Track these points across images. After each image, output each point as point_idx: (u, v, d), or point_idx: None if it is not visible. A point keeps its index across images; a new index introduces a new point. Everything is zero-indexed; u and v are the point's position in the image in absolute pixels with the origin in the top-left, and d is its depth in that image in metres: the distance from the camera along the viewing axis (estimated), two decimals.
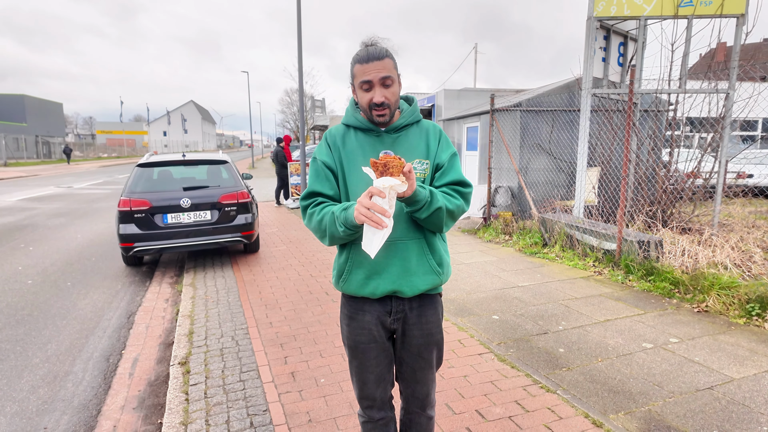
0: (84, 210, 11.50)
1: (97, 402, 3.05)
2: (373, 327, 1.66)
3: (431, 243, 1.65)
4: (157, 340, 3.95)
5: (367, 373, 1.70)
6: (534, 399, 2.79)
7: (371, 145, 1.63)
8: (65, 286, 5.46)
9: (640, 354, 3.36)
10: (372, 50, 1.53)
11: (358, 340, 1.68)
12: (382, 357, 1.70)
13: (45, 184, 19.02)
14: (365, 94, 1.55)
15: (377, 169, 1.38)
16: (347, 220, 1.46)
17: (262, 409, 2.72)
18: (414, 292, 1.63)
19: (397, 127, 1.64)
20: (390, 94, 1.55)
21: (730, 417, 2.59)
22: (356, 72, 1.56)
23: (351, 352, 1.72)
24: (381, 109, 1.55)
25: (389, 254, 1.59)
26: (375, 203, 1.36)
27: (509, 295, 4.70)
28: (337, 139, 1.67)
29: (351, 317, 1.69)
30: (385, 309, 1.66)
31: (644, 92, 6.32)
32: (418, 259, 1.62)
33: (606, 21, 6.59)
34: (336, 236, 1.54)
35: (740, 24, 5.92)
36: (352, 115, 1.67)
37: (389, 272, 1.60)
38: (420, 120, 1.72)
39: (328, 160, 1.65)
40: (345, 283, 1.65)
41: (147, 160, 6.15)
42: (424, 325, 1.69)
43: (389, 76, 1.53)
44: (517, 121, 8.21)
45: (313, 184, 1.66)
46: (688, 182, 6.58)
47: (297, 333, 3.81)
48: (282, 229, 8.54)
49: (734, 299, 4.11)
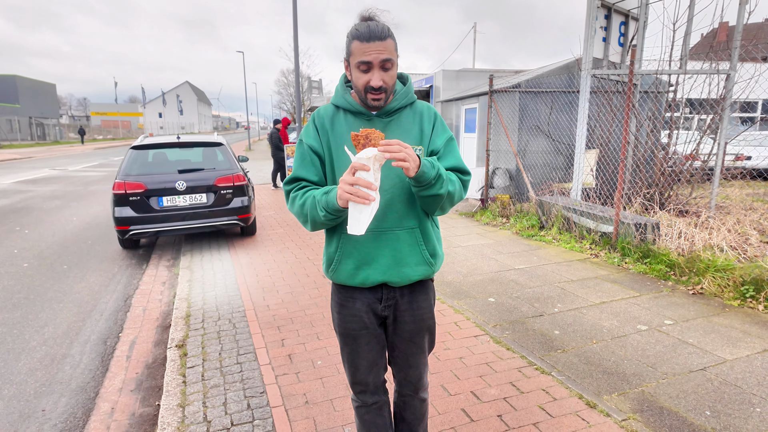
0: (79, 192, 11.44)
1: (95, 384, 3.07)
2: (364, 314, 1.64)
3: (425, 232, 1.61)
4: (154, 323, 3.96)
5: (359, 359, 1.69)
6: (529, 380, 2.82)
7: (361, 128, 1.56)
8: (61, 270, 5.45)
9: (634, 336, 3.39)
10: (374, 27, 1.42)
11: (349, 327, 1.66)
12: (374, 343, 1.68)
13: (40, 166, 18.89)
14: (362, 75, 1.46)
15: (359, 143, 1.32)
16: (329, 204, 1.41)
17: (259, 391, 2.74)
18: (405, 283, 1.60)
19: (389, 111, 1.57)
20: (388, 77, 1.47)
21: (722, 398, 2.62)
22: (354, 49, 1.45)
23: (342, 339, 1.70)
24: (377, 93, 1.48)
25: (380, 243, 1.55)
26: (359, 177, 1.30)
27: (506, 277, 4.71)
28: (326, 121, 1.59)
29: (342, 305, 1.67)
30: (375, 296, 1.63)
31: (644, 73, 6.24)
32: (410, 249, 1.58)
33: (607, 0, 6.47)
34: (317, 221, 1.49)
35: (743, 3, 5.81)
36: (342, 96, 1.59)
37: (379, 262, 1.56)
38: (414, 101, 1.64)
39: (315, 144, 1.58)
40: (334, 273, 1.62)
41: (141, 142, 6.08)
42: (416, 311, 1.67)
43: (390, 59, 1.45)
44: (516, 102, 8.12)
45: (298, 169, 1.60)
46: (686, 164, 6.55)
47: (294, 316, 3.82)
48: (279, 212, 8.52)
49: (729, 281, 4.13)
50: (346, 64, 1.54)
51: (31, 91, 44.75)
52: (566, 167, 8.08)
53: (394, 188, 1.53)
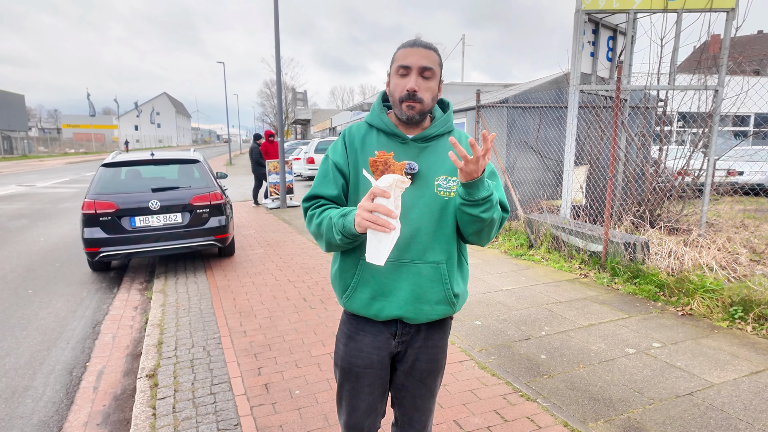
0: (48, 211, 11.02)
1: (59, 418, 2.92)
2: (373, 351, 1.53)
3: (451, 269, 1.49)
4: (124, 351, 3.81)
5: (359, 400, 1.56)
6: (514, 408, 2.73)
7: (394, 152, 1.45)
8: (26, 294, 5.24)
9: (622, 360, 3.31)
10: (419, 40, 1.43)
11: (354, 363, 1.54)
12: (377, 385, 1.56)
13: (6, 182, 18.22)
14: (400, 80, 1.41)
15: (377, 169, 1.25)
16: (345, 227, 1.32)
17: (233, 423, 2.64)
18: (422, 321, 1.50)
19: (426, 137, 1.48)
20: (426, 88, 1.41)
21: (708, 423, 2.55)
22: (397, 56, 1.43)
23: (343, 375, 1.57)
24: (412, 101, 1.40)
25: (399, 276, 1.45)
26: (379, 204, 1.21)
27: (492, 299, 4.64)
28: (356, 140, 1.51)
29: (350, 337, 1.56)
30: (389, 331, 1.53)
31: (632, 89, 6.25)
32: (431, 286, 1.47)
33: (594, 14, 6.49)
34: (333, 244, 1.40)
35: (730, 18, 5.84)
36: (377, 115, 1.52)
37: (397, 296, 1.46)
38: (452, 130, 1.55)
39: (341, 162, 1.50)
40: (348, 300, 1.51)
41: (113, 159, 5.90)
42: (430, 350, 1.56)
43: (431, 68, 1.39)
44: (504, 117, 8.11)
45: (318, 187, 1.51)
46: (676, 181, 6.54)
47: (272, 342, 3.70)
48: (259, 231, 8.35)
49: (718, 302, 4.07)
50: (388, 80, 1.50)
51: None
52: (555, 184, 8.05)
53: (421, 218, 1.44)
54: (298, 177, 18.42)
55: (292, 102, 35.26)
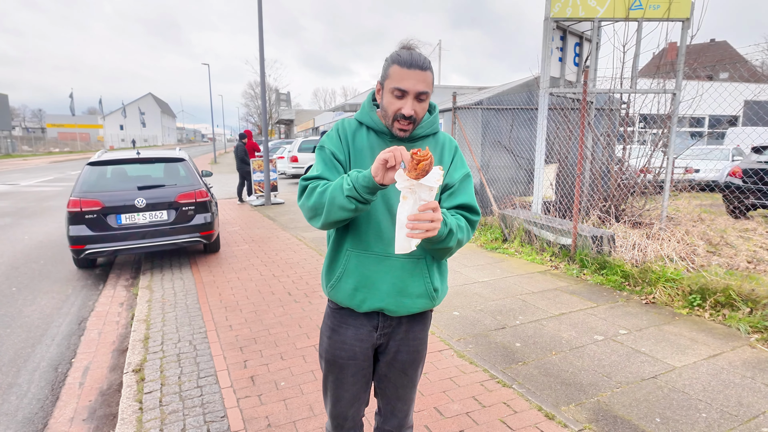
0: (32, 209, 10.90)
1: (44, 415, 2.92)
2: (356, 343, 1.59)
3: (431, 264, 1.56)
4: (110, 347, 3.81)
5: (342, 390, 1.63)
6: (491, 394, 2.87)
7: (381, 148, 1.52)
8: (10, 292, 5.18)
9: (591, 346, 3.51)
10: (416, 56, 1.44)
11: (338, 355, 1.60)
12: (360, 376, 1.63)
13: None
14: (395, 101, 1.46)
15: (414, 168, 1.20)
16: (367, 180, 1.30)
17: (219, 415, 2.68)
18: (403, 313, 1.56)
19: (413, 138, 1.55)
20: (420, 109, 1.47)
21: (671, 404, 2.75)
22: (392, 74, 1.45)
23: (328, 367, 1.64)
24: (406, 123, 1.47)
25: (382, 268, 1.51)
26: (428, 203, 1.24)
27: (470, 290, 4.80)
28: (348, 134, 1.57)
29: (334, 329, 1.62)
30: (372, 324, 1.59)
31: (598, 92, 6.54)
32: (412, 280, 1.53)
33: (562, 22, 6.77)
34: (335, 205, 1.36)
35: (686, 27, 6.21)
36: (367, 113, 1.58)
37: (379, 288, 1.51)
38: (437, 132, 1.62)
39: (338, 152, 1.54)
40: (333, 290, 1.57)
41: (99, 158, 5.90)
42: (412, 342, 1.63)
43: (426, 92, 1.46)
44: (479, 118, 8.34)
45: (322, 171, 1.51)
46: (639, 178, 6.88)
47: (257, 336, 3.76)
48: (244, 228, 8.38)
49: (678, 291, 4.34)
50: (379, 87, 1.53)
51: None
52: (527, 181, 8.32)
53: None
54: (282, 175, 18.69)
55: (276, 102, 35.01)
